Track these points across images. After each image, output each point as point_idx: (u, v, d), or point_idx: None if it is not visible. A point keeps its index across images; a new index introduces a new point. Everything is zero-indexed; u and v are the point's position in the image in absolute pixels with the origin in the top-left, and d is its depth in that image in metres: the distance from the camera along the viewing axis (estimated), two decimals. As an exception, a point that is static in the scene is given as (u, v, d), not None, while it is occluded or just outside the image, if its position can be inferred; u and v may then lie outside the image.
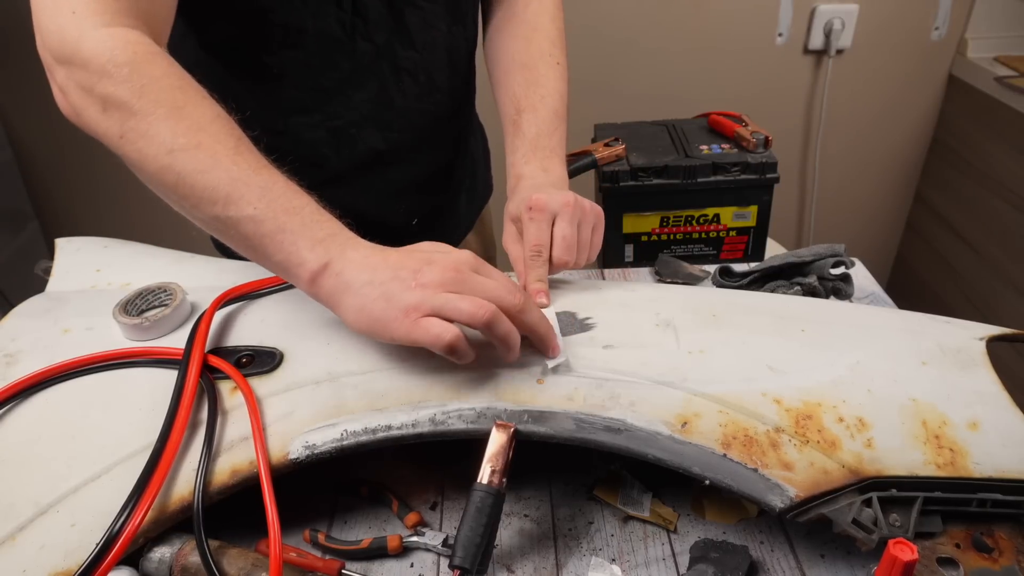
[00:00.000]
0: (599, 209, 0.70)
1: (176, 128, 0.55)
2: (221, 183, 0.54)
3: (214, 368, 0.58)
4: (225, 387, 0.58)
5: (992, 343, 0.63)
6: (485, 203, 1.05)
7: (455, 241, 0.97)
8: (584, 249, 0.68)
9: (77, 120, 0.58)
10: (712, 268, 0.85)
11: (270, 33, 0.71)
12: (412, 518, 0.57)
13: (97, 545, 0.47)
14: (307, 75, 0.74)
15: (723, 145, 0.90)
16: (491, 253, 1.13)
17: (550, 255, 0.66)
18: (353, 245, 0.56)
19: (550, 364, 0.57)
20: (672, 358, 0.59)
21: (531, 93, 0.78)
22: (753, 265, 0.82)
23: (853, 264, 0.79)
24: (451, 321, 0.52)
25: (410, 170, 0.85)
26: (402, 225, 0.88)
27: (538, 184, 0.72)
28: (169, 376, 0.58)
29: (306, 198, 0.57)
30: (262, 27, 0.70)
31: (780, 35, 1.62)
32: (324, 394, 0.57)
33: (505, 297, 0.54)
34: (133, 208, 1.70)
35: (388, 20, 0.74)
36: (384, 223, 0.72)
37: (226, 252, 0.92)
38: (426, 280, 0.53)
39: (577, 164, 0.90)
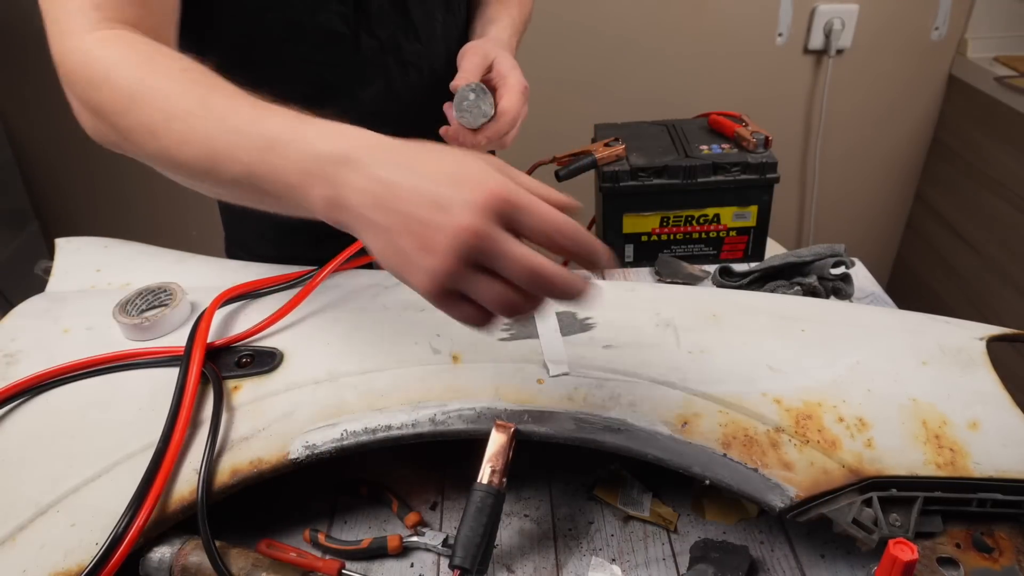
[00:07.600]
0: None
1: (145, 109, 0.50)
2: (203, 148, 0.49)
3: (214, 368, 0.58)
4: (225, 387, 0.58)
5: (992, 343, 0.63)
6: None
7: None
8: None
9: (95, 138, 0.55)
10: (712, 268, 0.85)
11: (268, 30, 0.71)
12: (412, 518, 0.57)
13: (102, 546, 0.47)
14: (310, 70, 0.75)
15: (723, 145, 0.90)
16: None
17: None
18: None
19: (552, 372, 0.57)
20: (672, 358, 0.59)
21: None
22: (753, 265, 0.83)
23: (853, 264, 0.79)
24: None
25: None
26: None
27: (503, 41, 0.79)
28: (169, 376, 0.58)
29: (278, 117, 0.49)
30: (260, 25, 0.71)
31: (780, 35, 1.62)
32: (324, 394, 0.57)
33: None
34: (133, 208, 1.70)
35: (392, 14, 0.75)
36: None
37: (235, 254, 0.92)
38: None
39: (577, 164, 0.89)
